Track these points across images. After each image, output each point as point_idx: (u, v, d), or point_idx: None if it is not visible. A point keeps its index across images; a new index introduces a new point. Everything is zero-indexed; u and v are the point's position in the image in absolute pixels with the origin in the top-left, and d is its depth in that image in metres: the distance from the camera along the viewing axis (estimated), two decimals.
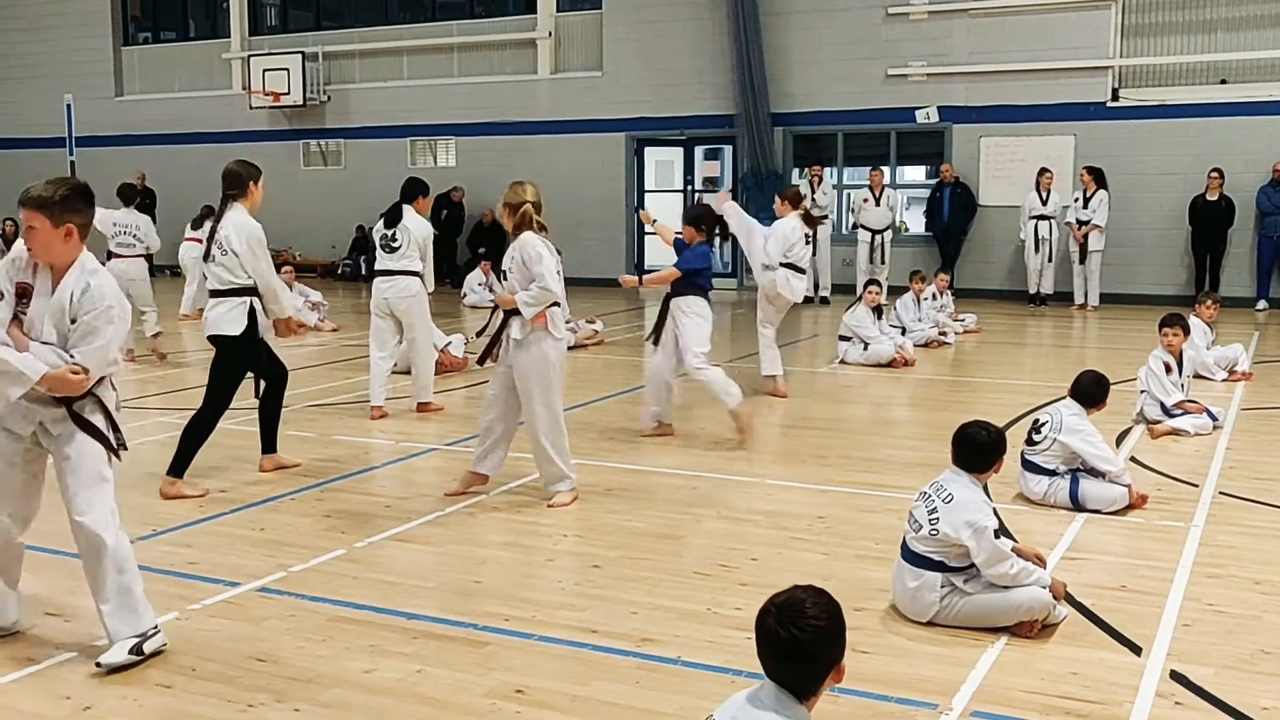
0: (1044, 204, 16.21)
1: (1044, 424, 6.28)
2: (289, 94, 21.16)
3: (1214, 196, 15.57)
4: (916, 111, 17.46)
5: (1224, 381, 9.89)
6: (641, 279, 8.38)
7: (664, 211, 15.01)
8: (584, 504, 6.26)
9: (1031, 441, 6.28)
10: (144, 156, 21.90)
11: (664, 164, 20.09)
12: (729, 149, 19.21)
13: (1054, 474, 6.17)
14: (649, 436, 7.93)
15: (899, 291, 13.17)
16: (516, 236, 6.14)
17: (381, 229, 8.72)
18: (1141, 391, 8.23)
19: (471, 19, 21.02)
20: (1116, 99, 16.51)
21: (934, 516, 4.47)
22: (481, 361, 6.59)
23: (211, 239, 6.61)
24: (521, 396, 6.20)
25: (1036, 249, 16.34)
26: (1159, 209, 16.23)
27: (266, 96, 21.25)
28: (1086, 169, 16.00)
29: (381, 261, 8.76)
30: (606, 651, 4.25)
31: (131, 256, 11.38)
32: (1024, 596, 4.38)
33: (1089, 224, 15.89)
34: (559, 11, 19.98)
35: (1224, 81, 16.06)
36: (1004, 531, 4.70)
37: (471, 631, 4.45)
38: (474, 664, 4.15)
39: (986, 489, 4.67)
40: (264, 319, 6.67)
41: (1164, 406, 8.06)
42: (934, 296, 12.95)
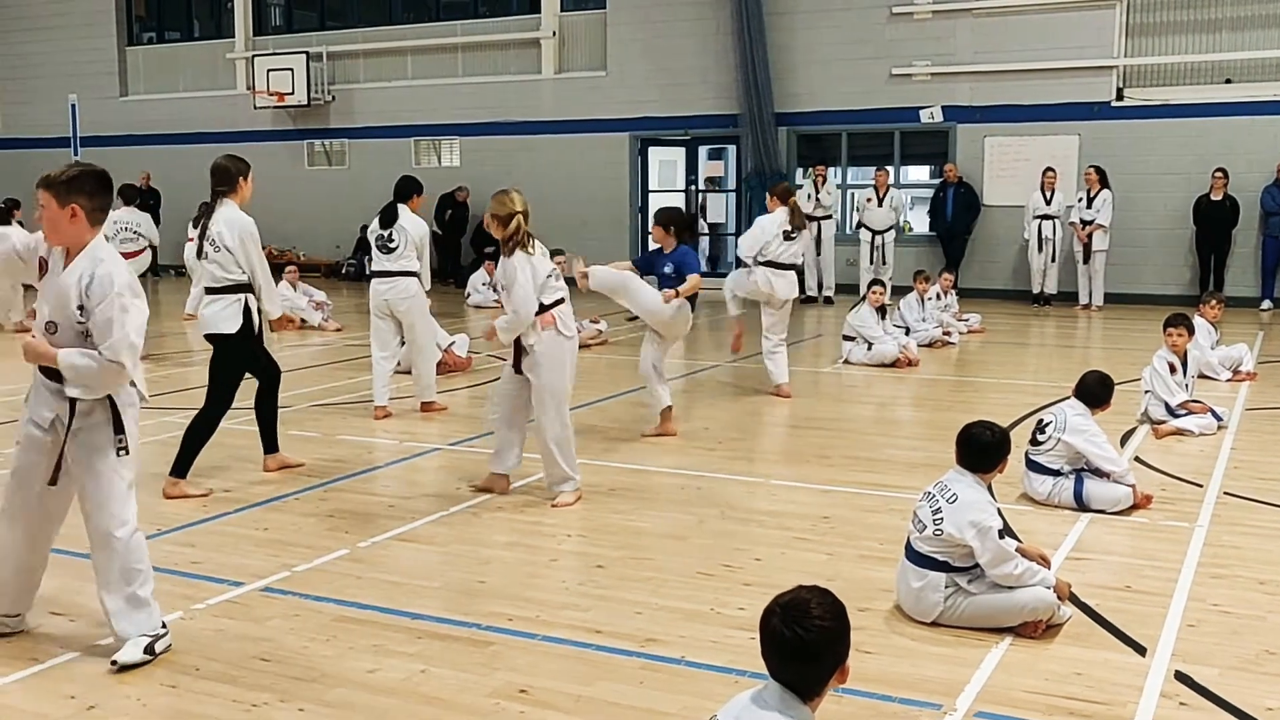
0: (1048, 204, 16.16)
1: (1048, 424, 6.28)
2: (293, 94, 21.13)
3: (1218, 196, 15.53)
4: (920, 111, 17.44)
5: (1228, 381, 9.88)
6: (677, 292, 7.93)
7: None
8: (588, 504, 6.26)
9: (1036, 441, 6.27)
10: (148, 156, 21.90)
11: (667, 164, 20.08)
12: (733, 149, 19.19)
13: (1058, 474, 6.17)
14: (650, 437, 7.94)
15: (903, 291, 13.16)
16: (509, 250, 6.10)
17: (377, 229, 8.65)
18: (1146, 391, 8.23)
19: (475, 19, 21.01)
20: (1121, 99, 16.47)
21: (938, 517, 4.47)
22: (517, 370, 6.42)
23: (203, 236, 6.54)
24: (535, 400, 6.22)
25: (1040, 249, 16.28)
26: (1163, 209, 16.20)
27: (271, 96, 21.23)
28: (1092, 168, 15.99)
29: (379, 262, 8.71)
30: (610, 652, 4.25)
31: (134, 253, 11.53)
32: (1028, 597, 4.37)
33: (1093, 224, 15.87)
34: (563, 11, 19.96)
35: (1229, 81, 16.02)
36: (1009, 531, 4.70)
37: (475, 631, 4.45)
38: (478, 664, 4.15)
39: (991, 489, 4.67)
40: (259, 316, 6.61)
41: (1168, 406, 8.05)
42: (938, 296, 12.93)
